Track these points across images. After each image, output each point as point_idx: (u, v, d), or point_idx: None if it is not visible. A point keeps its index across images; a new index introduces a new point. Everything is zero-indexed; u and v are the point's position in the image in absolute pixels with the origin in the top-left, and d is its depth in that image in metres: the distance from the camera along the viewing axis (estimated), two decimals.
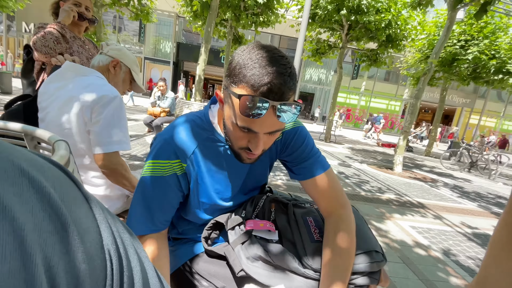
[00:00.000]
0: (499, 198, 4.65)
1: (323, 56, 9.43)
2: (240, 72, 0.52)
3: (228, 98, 0.57)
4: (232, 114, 0.56)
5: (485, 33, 7.91)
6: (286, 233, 0.71)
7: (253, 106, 0.50)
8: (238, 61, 0.53)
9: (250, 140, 0.59)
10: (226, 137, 0.65)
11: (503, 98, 19.77)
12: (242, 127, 0.55)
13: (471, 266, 2.09)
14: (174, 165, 0.66)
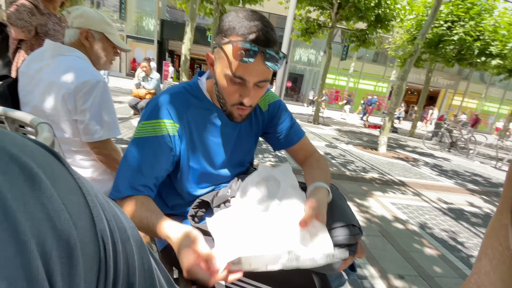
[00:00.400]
0: (474, 175, 4.94)
1: (312, 36, 9.26)
2: (229, 26, 0.59)
3: (219, 53, 0.61)
4: (225, 65, 0.61)
5: (471, 14, 7.95)
6: None
7: (245, 50, 0.56)
8: (227, 20, 0.60)
9: (241, 94, 0.64)
10: (219, 98, 0.69)
11: (485, 80, 20.33)
12: (235, 75, 0.60)
13: (444, 238, 2.27)
14: (167, 124, 0.68)
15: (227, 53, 0.59)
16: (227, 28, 0.59)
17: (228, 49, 0.58)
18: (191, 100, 0.72)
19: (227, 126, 0.79)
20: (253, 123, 0.87)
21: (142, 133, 0.67)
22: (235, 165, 0.87)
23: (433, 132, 8.74)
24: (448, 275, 1.76)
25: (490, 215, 2.99)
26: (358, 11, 7.47)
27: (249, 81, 0.62)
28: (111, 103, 0.99)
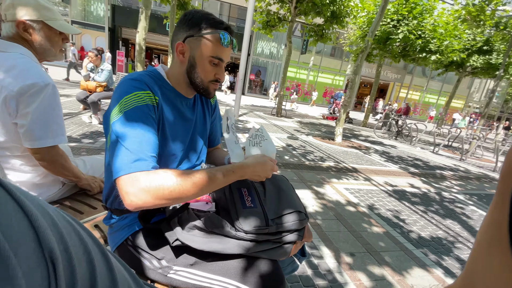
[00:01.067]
0: (416, 160, 5.59)
1: (273, 29, 9.37)
2: (204, 21, 0.75)
3: (199, 41, 0.75)
4: (208, 50, 0.75)
5: (414, 13, 8.79)
6: (222, 203, 0.80)
7: (225, 38, 0.75)
8: (198, 17, 0.75)
9: (216, 72, 0.80)
10: (195, 79, 0.79)
11: (426, 74, 22.79)
12: (216, 57, 0.76)
13: (389, 217, 2.56)
14: (146, 95, 0.70)
15: (211, 40, 0.75)
16: (202, 22, 0.75)
17: (213, 37, 0.75)
18: (157, 82, 0.77)
19: (188, 111, 0.86)
20: (206, 113, 0.96)
21: (128, 106, 0.66)
22: (193, 153, 0.90)
23: (383, 122, 9.59)
24: (391, 249, 2.01)
25: (427, 194, 3.44)
26: (315, 7, 7.75)
27: (224, 61, 0.79)
28: (59, 108, 0.91)
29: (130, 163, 0.59)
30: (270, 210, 0.77)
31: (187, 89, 0.83)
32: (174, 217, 0.73)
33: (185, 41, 0.76)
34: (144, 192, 0.57)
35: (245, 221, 0.72)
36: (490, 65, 11.63)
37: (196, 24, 0.75)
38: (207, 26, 0.75)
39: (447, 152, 7.57)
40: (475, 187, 4.25)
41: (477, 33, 11.16)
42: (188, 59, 0.77)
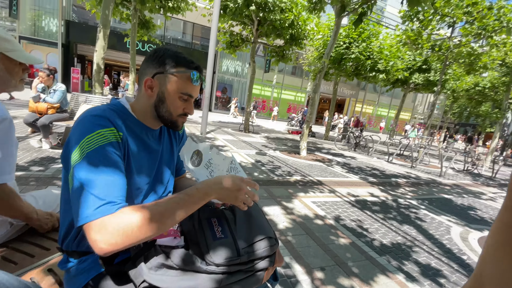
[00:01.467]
0: (373, 170, 6.04)
1: (237, 49, 9.68)
2: (175, 59, 0.78)
3: (167, 78, 0.77)
4: (178, 86, 0.78)
5: (363, 37, 9.83)
6: (191, 236, 0.77)
7: (196, 76, 0.79)
8: (169, 55, 0.78)
9: (185, 107, 0.82)
10: (163, 113, 0.81)
11: (377, 90, 25.18)
12: (186, 94, 0.80)
13: (353, 227, 2.70)
14: (111, 132, 0.68)
15: (182, 77, 0.78)
16: (173, 60, 0.78)
17: (183, 75, 0.78)
18: (120, 115, 0.76)
19: (153, 142, 0.86)
20: (173, 144, 0.97)
21: (91, 147, 0.63)
22: (159, 185, 0.88)
23: (342, 135, 10.25)
24: (357, 259, 2.11)
25: (385, 202, 3.71)
26: (275, 29, 8.24)
27: (193, 96, 0.83)
28: (11, 143, 0.85)
29: (95, 208, 0.57)
30: (240, 239, 0.77)
31: (153, 121, 0.83)
32: (140, 256, 0.70)
33: (154, 77, 0.78)
34: (113, 236, 0.55)
35: (216, 254, 0.71)
36: (429, 82, 13.30)
37: (167, 62, 0.77)
38: (177, 64, 0.78)
39: (400, 160, 8.33)
40: (425, 192, 4.71)
41: (416, 55, 12.77)
42: (157, 94, 0.79)
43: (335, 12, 5.78)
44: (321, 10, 5.77)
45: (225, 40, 9.48)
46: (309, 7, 5.91)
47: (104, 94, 4.77)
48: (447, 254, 2.44)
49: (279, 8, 7.56)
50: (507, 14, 6.66)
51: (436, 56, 9.35)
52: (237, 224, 0.83)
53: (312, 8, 5.84)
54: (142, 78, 0.79)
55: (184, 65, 0.79)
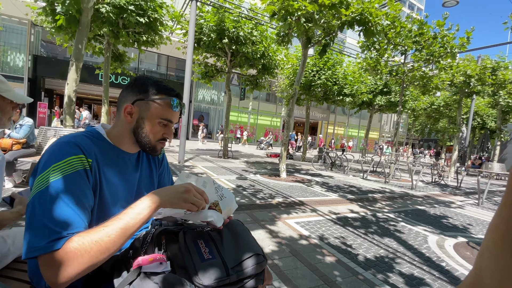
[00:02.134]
0: (351, 187, 6.24)
1: (212, 79, 9.99)
2: (156, 87, 0.82)
3: (147, 105, 0.81)
4: (158, 112, 0.81)
5: (328, 65, 10.68)
6: (178, 260, 0.75)
7: (176, 103, 0.83)
8: (150, 82, 0.82)
9: (164, 132, 0.85)
10: (142, 138, 0.82)
11: (346, 112, 26.81)
12: (166, 119, 0.82)
13: (338, 244, 2.73)
14: (78, 160, 0.68)
15: (162, 104, 0.81)
16: (153, 88, 0.81)
17: (163, 102, 0.81)
18: (95, 142, 0.76)
19: (131, 167, 0.87)
20: (152, 168, 0.97)
21: (56, 175, 0.62)
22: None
23: (318, 155, 10.60)
24: (344, 276, 2.12)
25: (365, 217, 3.82)
26: (248, 60, 8.71)
27: (173, 123, 0.86)
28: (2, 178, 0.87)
29: (47, 242, 0.56)
30: (229, 258, 0.76)
31: (130, 146, 0.85)
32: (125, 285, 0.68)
33: (134, 103, 0.80)
34: (62, 269, 0.55)
35: (204, 275, 0.69)
36: (391, 103, 14.52)
37: (147, 89, 0.81)
38: (158, 91, 0.82)
39: (374, 176, 8.71)
40: (400, 205, 4.93)
41: (377, 79, 14.01)
42: (136, 119, 0.81)
43: (302, 43, 6.30)
44: (289, 42, 6.26)
45: (200, 71, 9.78)
46: (277, 39, 6.39)
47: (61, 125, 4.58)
48: (427, 263, 2.53)
49: (250, 41, 8.08)
50: (449, 42, 7.71)
51: (394, 80, 10.35)
52: (224, 244, 0.82)
53: (280, 41, 6.33)
54: (122, 105, 0.82)
55: (164, 92, 0.82)
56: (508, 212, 0.24)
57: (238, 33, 7.63)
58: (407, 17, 8.12)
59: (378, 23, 5.37)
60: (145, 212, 0.66)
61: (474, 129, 19.06)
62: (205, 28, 7.68)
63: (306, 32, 5.69)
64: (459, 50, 7.80)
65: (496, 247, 0.24)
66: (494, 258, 0.24)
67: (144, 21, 6.39)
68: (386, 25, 6.22)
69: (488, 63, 10.29)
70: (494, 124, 17.26)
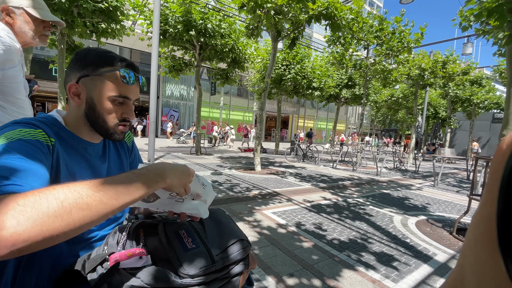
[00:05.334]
0: (322, 176, 6.50)
1: (180, 73, 9.63)
2: (102, 59, 0.69)
3: (94, 81, 0.68)
4: (109, 89, 0.69)
5: (297, 59, 10.89)
6: (159, 253, 0.71)
7: (128, 74, 0.69)
8: (93, 54, 0.69)
9: (124, 111, 0.73)
10: (98, 122, 0.71)
11: (314, 105, 27.71)
12: (120, 96, 0.70)
13: (313, 230, 2.83)
14: (38, 133, 0.59)
15: (111, 78, 0.69)
16: (100, 59, 0.69)
17: (113, 75, 0.69)
18: (52, 128, 0.66)
19: (96, 159, 0.77)
20: (122, 157, 0.88)
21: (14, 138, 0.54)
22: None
23: (290, 148, 10.86)
24: (322, 259, 2.21)
25: (337, 203, 4.00)
26: (217, 53, 8.54)
27: (131, 99, 0.73)
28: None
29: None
30: (213, 246, 0.74)
31: (91, 134, 0.74)
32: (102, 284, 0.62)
33: (79, 81, 0.69)
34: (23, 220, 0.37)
35: (189, 265, 0.67)
36: (356, 96, 15.29)
37: (91, 62, 0.69)
38: (103, 63, 0.69)
39: (343, 166, 9.17)
40: (368, 190, 5.26)
41: (342, 73, 14.64)
42: (86, 100, 0.69)
43: (271, 37, 6.33)
44: (258, 35, 6.25)
45: (167, 65, 9.37)
46: (247, 32, 6.35)
47: None
48: (394, 240, 2.73)
49: (219, 33, 7.91)
50: (406, 37, 8.29)
51: (359, 74, 10.91)
52: (207, 233, 0.80)
53: (250, 34, 6.29)
54: (66, 86, 0.71)
55: (111, 63, 0.69)
56: (488, 210, 0.24)
57: (206, 25, 7.42)
58: (368, 13, 8.55)
59: (343, 17, 5.59)
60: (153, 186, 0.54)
61: (428, 118, 20.92)
62: (171, 19, 7.35)
63: (275, 25, 5.71)
64: (415, 45, 8.43)
65: (477, 244, 0.25)
66: (475, 255, 0.25)
67: (104, 6, 5.91)
68: (351, 20, 6.50)
69: (439, 57, 11.30)
70: (444, 113, 19.11)
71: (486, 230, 0.24)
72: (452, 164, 13.68)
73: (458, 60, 11.51)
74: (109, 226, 0.81)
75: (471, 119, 16.31)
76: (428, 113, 19.97)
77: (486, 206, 0.24)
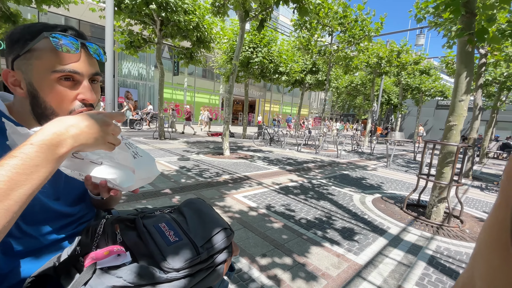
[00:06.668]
0: (288, 159, 6.73)
1: (139, 49, 8.86)
2: (30, 29, 0.54)
3: (27, 62, 0.54)
4: (47, 67, 0.53)
5: (264, 42, 10.75)
6: (139, 248, 0.67)
7: (67, 38, 0.54)
8: (20, 28, 0.55)
9: (79, 92, 0.57)
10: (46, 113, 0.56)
11: (280, 90, 28.04)
12: (63, 70, 0.54)
13: (283, 211, 2.95)
14: None
15: (46, 51, 0.53)
16: (30, 34, 0.54)
17: (46, 45, 0.53)
18: None
19: None
20: None
21: None
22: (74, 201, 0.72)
23: (258, 132, 10.96)
24: (291, 238, 2.33)
25: (303, 185, 4.21)
26: (181, 30, 8.00)
27: (83, 74, 0.57)
28: None
29: None
30: (196, 237, 0.72)
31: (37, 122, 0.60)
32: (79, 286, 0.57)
33: (13, 66, 0.55)
34: None
35: (174, 259, 0.64)
36: (319, 82, 15.81)
37: (18, 37, 0.54)
38: (33, 35, 0.54)
39: (306, 149, 9.59)
40: (329, 171, 5.61)
41: (307, 58, 14.93)
42: (27, 88, 0.55)
43: (239, 17, 6.11)
44: (225, 14, 5.98)
45: (124, 40, 8.53)
46: (212, 10, 6.02)
47: None
48: (354, 217, 3.00)
49: (182, 9, 7.38)
50: (367, 25, 8.67)
51: (323, 60, 11.22)
52: (189, 224, 0.78)
53: (216, 12, 5.98)
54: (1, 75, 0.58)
55: (40, 31, 0.53)
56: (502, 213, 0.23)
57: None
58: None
59: (311, 1, 5.60)
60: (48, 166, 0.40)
61: (382, 104, 22.69)
62: None
63: (243, 5, 5.50)
64: (375, 34, 8.89)
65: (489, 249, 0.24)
66: (486, 260, 0.24)
67: None
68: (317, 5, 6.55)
69: (395, 47, 12.12)
70: (396, 100, 20.89)
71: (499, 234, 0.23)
72: (401, 146, 15.21)
73: (411, 50, 12.49)
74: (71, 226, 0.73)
75: (419, 106, 18.12)
76: (382, 99, 21.62)
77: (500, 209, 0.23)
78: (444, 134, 3.07)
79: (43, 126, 0.44)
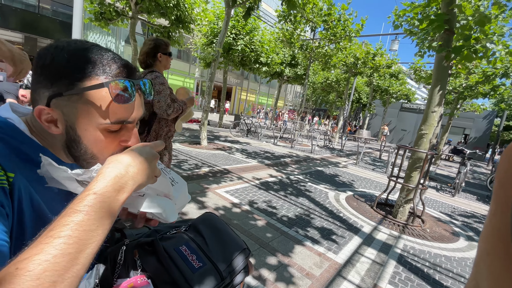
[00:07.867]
0: (266, 153, 6.79)
1: (110, 22, 8.08)
2: (78, 65, 0.44)
3: (73, 103, 0.44)
4: (97, 116, 0.45)
5: (246, 30, 10.47)
6: (162, 275, 0.63)
7: (125, 89, 0.46)
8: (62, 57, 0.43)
9: (123, 139, 0.51)
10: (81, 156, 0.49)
11: (257, 80, 27.85)
12: (116, 122, 0.47)
13: (265, 208, 2.99)
14: None
15: (99, 97, 0.45)
16: (74, 67, 0.44)
17: (101, 94, 0.44)
18: (10, 143, 0.44)
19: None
20: None
21: None
22: None
23: (235, 122, 10.85)
24: (275, 236, 2.38)
25: (282, 181, 4.29)
26: (159, 7, 7.43)
27: (134, 121, 0.51)
28: None
29: None
30: (218, 260, 0.71)
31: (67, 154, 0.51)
32: None
33: (50, 104, 0.45)
34: None
35: (200, 287, 0.63)
36: (297, 75, 15.98)
37: (63, 73, 0.44)
38: (83, 74, 0.44)
39: (282, 142, 9.75)
40: (305, 167, 5.79)
41: (287, 51, 14.93)
42: (66, 130, 0.47)
43: (225, 2, 5.84)
44: None
45: (93, 10, 7.71)
46: None
47: None
48: (331, 215, 3.15)
49: None
50: (349, 26, 8.88)
51: (304, 54, 11.31)
52: (209, 245, 0.76)
53: None
54: (34, 108, 0.46)
55: (94, 72, 0.44)
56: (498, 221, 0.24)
57: None
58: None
59: None
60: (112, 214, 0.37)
61: (352, 103, 23.76)
62: None
63: None
64: (355, 35, 9.15)
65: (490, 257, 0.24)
66: (488, 267, 0.24)
67: None
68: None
69: (371, 49, 12.64)
70: (366, 99, 22.01)
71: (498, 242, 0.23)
72: (369, 144, 16.21)
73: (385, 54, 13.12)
74: None
75: (385, 106, 19.32)
76: (353, 97, 22.63)
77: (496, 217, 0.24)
78: (415, 141, 3.32)
79: (101, 170, 0.39)
